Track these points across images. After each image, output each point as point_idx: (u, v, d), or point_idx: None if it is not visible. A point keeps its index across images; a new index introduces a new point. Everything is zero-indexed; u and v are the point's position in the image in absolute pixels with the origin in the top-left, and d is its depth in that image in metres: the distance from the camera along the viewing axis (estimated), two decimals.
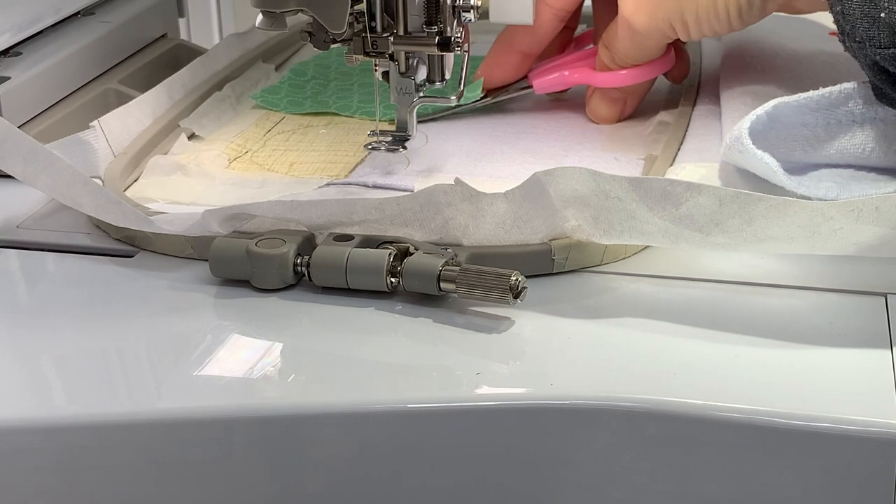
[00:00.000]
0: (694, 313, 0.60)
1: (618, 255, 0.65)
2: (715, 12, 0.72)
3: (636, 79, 0.80)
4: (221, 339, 0.60)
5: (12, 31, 0.85)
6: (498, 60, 0.83)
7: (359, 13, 0.72)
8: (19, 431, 0.55)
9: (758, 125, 0.68)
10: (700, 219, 0.59)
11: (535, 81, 0.83)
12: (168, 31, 1.01)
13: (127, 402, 0.56)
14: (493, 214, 0.63)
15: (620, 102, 0.82)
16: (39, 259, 0.69)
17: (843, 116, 0.68)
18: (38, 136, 0.77)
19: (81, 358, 0.59)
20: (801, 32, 0.94)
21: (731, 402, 0.53)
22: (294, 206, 0.64)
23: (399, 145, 0.75)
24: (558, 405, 0.54)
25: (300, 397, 0.56)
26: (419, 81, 0.74)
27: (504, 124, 0.83)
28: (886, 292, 0.61)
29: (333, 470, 0.56)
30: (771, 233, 0.59)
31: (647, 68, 0.80)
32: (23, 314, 0.63)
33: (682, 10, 0.73)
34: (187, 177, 0.76)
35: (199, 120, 0.84)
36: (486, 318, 0.60)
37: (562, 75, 0.82)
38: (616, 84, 0.80)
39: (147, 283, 0.65)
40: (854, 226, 0.58)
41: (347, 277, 0.62)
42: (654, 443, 0.54)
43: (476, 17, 0.72)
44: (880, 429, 0.51)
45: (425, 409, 0.55)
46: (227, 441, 0.55)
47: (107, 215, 0.67)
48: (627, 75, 0.80)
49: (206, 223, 0.65)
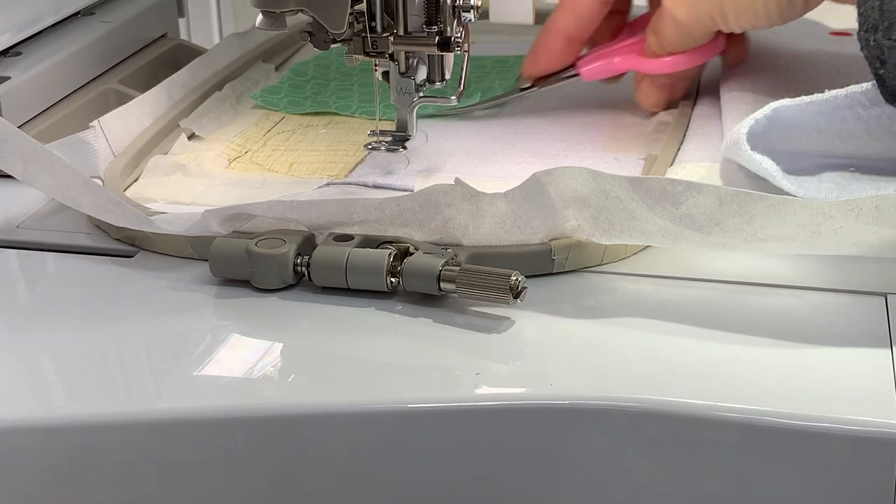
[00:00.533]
0: (694, 313, 0.60)
1: (618, 255, 0.65)
2: (754, 9, 0.72)
3: (684, 65, 0.79)
4: (221, 339, 0.60)
5: (12, 31, 0.85)
6: (544, 47, 0.81)
7: (359, 13, 0.72)
8: (19, 431, 0.55)
9: (757, 128, 0.68)
10: (700, 218, 0.59)
11: (582, 69, 0.81)
12: (168, 31, 1.01)
13: (127, 402, 0.56)
14: (493, 214, 0.63)
15: (669, 88, 0.81)
16: (39, 259, 0.69)
17: (849, 116, 0.68)
18: (38, 136, 0.77)
19: (81, 358, 0.59)
20: (801, 32, 0.94)
21: (731, 402, 0.53)
22: (294, 206, 0.64)
23: (399, 145, 0.75)
24: (558, 405, 0.54)
25: (300, 397, 0.56)
26: (419, 81, 0.74)
27: (504, 124, 0.83)
28: (886, 292, 0.61)
29: (333, 470, 0.56)
30: (771, 232, 0.59)
31: (695, 54, 0.78)
32: (23, 314, 0.63)
33: (721, 4, 0.73)
34: (187, 177, 0.76)
35: (199, 120, 0.84)
36: (486, 318, 0.60)
37: (610, 62, 0.81)
38: (664, 71, 0.79)
39: (147, 283, 0.65)
40: (854, 225, 0.58)
41: (347, 277, 0.62)
42: (654, 443, 0.54)
43: (476, 17, 0.72)
44: (880, 429, 0.51)
45: (425, 409, 0.55)
46: (227, 441, 0.55)
47: (107, 215, 0.67)
48: (675, 62, 0.78)
49: (206, 223, 0.65)
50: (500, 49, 0.95)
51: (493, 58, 0.93)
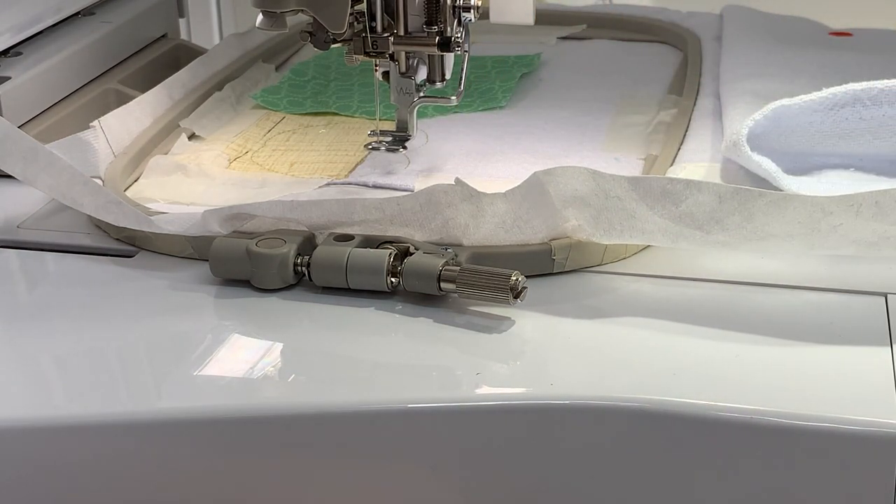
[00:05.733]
0: (694, 313, 0.60)
1: (618, 255, 0.65)
2: None
3: None
4: (221, 339, 0.60)
5: (12, 31, 0.85)
6: None
7: (359, 13, 0.72)
8: (19, 431, 0.55)
9: (757, 129, 0.68)
10: (700, 216, 0.59)
11: None
12: (168, 31, 1.01)
13: (127, 402, 0.56)
14: (493, 214, 0.63)
15: None
16: (39, 259, 0.69)
17: (850, 116, 0.68)
18: (38, 136, 0.77)
19: (81, 358, 0.59)
20: (801, 32, 0.94)
21: (731, 402, 0.53)
22: (294, 206, 0.64)
23: (399, 145, 0.75)
24: (558, 405, 0.54)
25: (300, 397, 0.56)
26: (419, 81, 0.74)
27: (504, 124, 0.83)
28: (886, 292, 0.61)
29: (333, 470, 0.56)
30: (771, 230, 0.59)
31: None
32: (23, 314, 0.63)
33: None
34: (187, 177, 0.76)
35: (200, 120, 0.84)
36: (486, 318, 0.60)
37: None
38: None
39: (147, 283, 0.65)
40: (854, 222, 0.58)
41: (347, 277, 0.62)
42: (654, 443, 0.54)
43: (476, 17, 0.72)
44: (880, 429, 0.51)
45: (425, 409, 0.55)
46: (228, 441, 0.55)
47: (107, 215, 0.67)
48: None
49: (206, 223, 0.65)
50: (500, 49, 0.95)
51: (493, 58, 0.93)
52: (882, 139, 0.69)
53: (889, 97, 0.68)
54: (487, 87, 0.88)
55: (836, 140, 0.69)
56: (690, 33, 0.96)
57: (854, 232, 0.58)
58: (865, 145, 0.69)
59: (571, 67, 0.93)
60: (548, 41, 0.98)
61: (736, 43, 0.89)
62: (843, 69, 0.82)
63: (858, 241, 0.59)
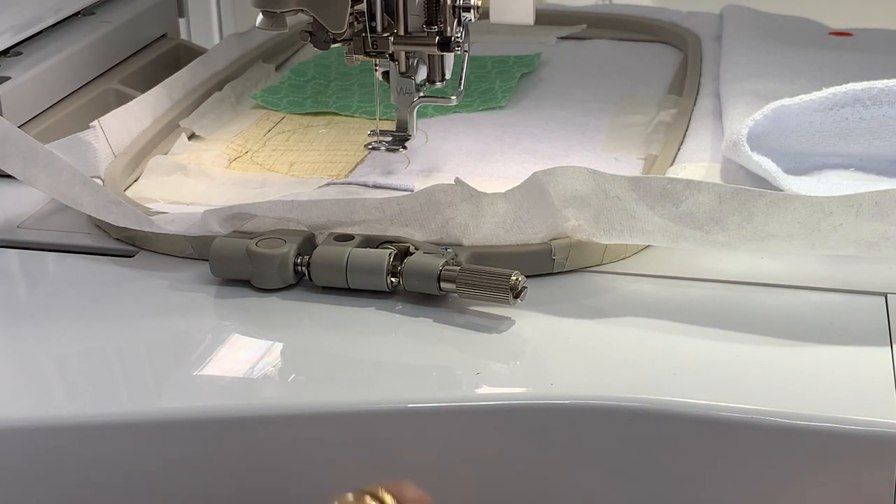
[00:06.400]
0: (694, 313, 0.60)
1: (618, 255, 0.65)
2: None
3: None
4: (221, 339, 0.60)
5: (12, 31, 0.85)
6: None
7: (359, 13, 0.72)
8: (19, 431, 0.55)
9: (757, 129, 0.68)
10: (700, 216, 0.59)
11: None
12: (168, 31, 1.01)
13: (127, 402, 0.56)
14: (493, 214, 0.63)
15: None
16: (39, 259, 0.69)
17: (850, 116, 0.68)
18: (38, 136, 0.77)
19: (81, 358, 0.59)
20: (801, 32, 0.94)
21: (731, 402, 0.53)
22: (294, 206, 0.64)
23: (399, 145, 0.75)
24: (558, 405, 0.54)
25: (300, 397, 0.56)
26: (419, 81, 0.74)
27: (504, 124, 0.83)
28: (886, 292, 0.61)
29: (333, 469, 0.56)
30: (771, 230, 0.59)
31: None
32: (23, 314, 0.63)
33: None
34: (187, 177, 0.76)
35: (199, 120, 0.84)
36: (486, 318, 0.60)
37: None
38: None
39: (147, 283, 0.65)
40: (854, 222, 0.58)
41: (347, 277, 0.62)
42: (655, 443, 0.54)
43: (476, 17, 0.72)
44: (880, 429, 0.51)
45: (425, 409, 0.55)
46: (227, 441, 0.55)
47: (107, 215, 0.67)
48: None
49: (207, 223, 0.65)
50: (500, 49, 0.95)
51: (493, 58, 0.93)
52: (882, 139, 0.69)
53: (889, 97, 0.68)
54: (487, 87, 0.88)
55: (837, 140, 0.69)
56: (690, 33, 0.96)
57: (854, 232, 0.58)
58: (865, 145, 0.69)
59: (571, 67, 0.93)
60: (548, 41, 0.98)
61: (736, 43, 0.89)
62: (843, 69, 0.82)
63: (858, 242, 0.59)
